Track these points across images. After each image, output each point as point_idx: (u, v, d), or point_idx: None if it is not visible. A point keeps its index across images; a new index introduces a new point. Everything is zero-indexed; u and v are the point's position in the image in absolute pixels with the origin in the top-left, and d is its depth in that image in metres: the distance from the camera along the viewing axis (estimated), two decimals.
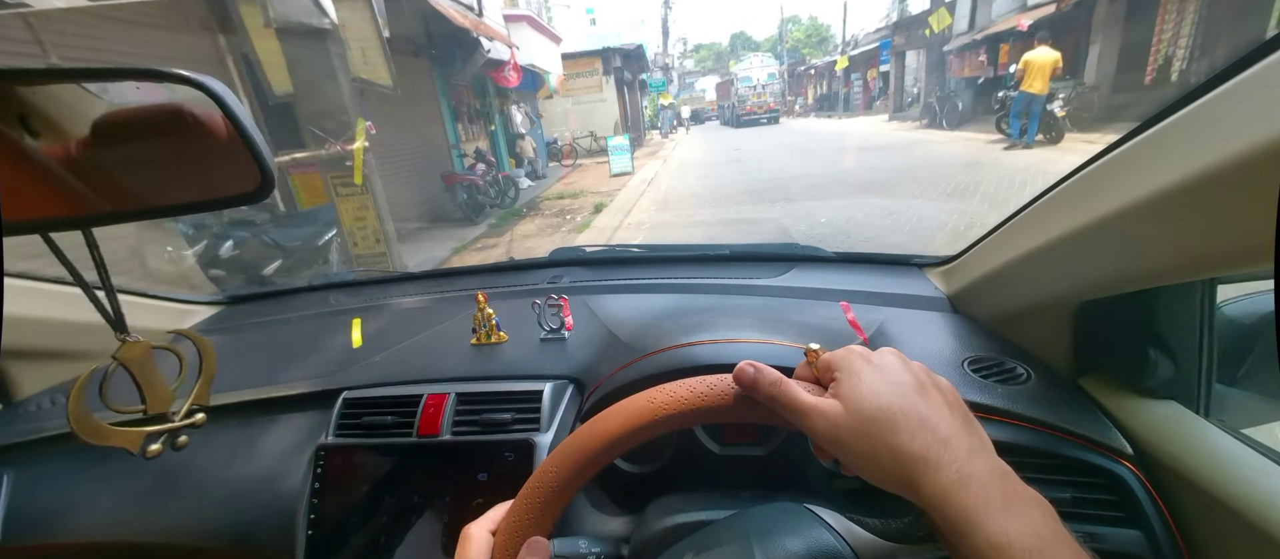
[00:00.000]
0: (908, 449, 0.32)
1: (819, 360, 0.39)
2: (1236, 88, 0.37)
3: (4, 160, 0.39)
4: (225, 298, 1.36)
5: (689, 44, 64.89)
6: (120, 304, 0.50)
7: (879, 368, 0.36)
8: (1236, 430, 0.55)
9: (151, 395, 0.53)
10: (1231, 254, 0.40)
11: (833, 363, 0.37)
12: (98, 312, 0.49)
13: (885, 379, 0.35)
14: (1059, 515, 0.30)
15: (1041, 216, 0.63)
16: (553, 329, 0.90)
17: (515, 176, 9.75)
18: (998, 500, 0.29)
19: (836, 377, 0.36)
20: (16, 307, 0.90)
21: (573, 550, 0.53)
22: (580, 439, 0.39)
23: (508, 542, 0.38)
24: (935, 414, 0.33)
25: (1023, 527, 0.28)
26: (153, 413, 0.53)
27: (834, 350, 0.38)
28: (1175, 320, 0.60)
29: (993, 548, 0.28)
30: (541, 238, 6.27)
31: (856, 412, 0.33)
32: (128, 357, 0.51)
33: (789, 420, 0.36)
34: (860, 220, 5.17)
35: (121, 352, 0.50)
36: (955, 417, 0.34)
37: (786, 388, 0.36)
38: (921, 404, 0.33)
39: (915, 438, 0.32)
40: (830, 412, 0.34)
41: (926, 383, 0.35)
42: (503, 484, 0.70)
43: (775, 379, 0.36)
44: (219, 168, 0.46)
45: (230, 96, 0.44)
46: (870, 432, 0.33)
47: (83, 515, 0.77)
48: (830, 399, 0.35)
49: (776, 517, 0.46)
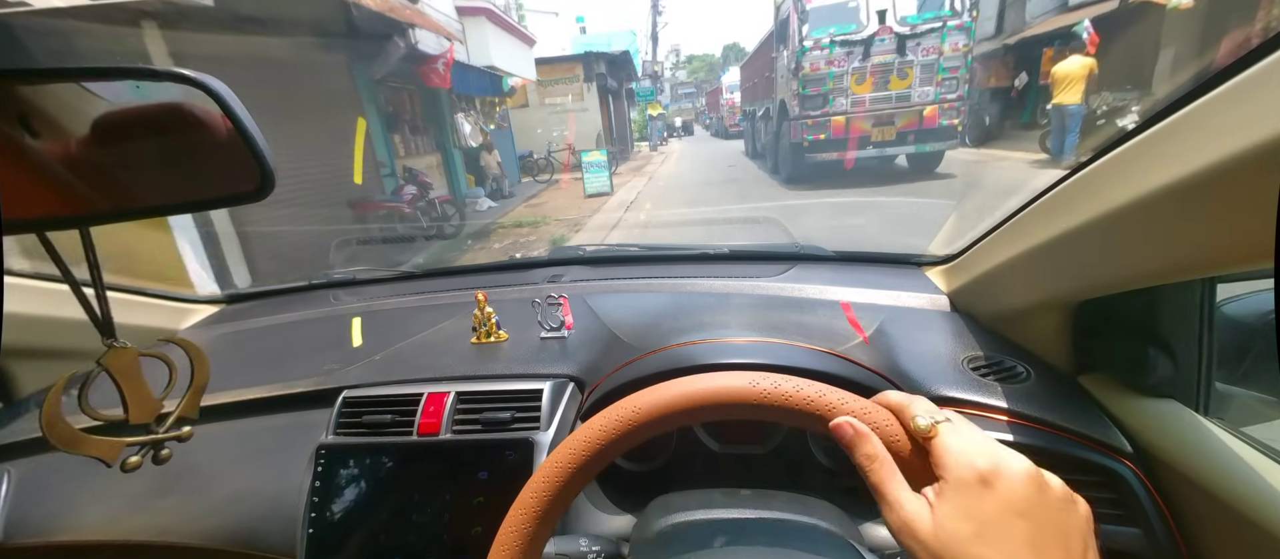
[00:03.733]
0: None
1: (933, 444, 0.32)
2: (1236, 87, 0.37)
3: (4, 159, 0.39)
4: (225, 296, 1.36)
5: (681, 55, 63.87)
6: (114, 304, 0.49)
7: (997, 505, 0.29)
8: (1236, 429, 0.56)
9: (135, 404, 0.50)
10: (1231, 254, 0.40)
11: (946, 463, 0.31)
12: (85, 313, 0.47)
13: (996, 525, 0.29)
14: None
15: (1042, 215, 0.63)
16: (553, 328, 0.90)
17: (473, 197, 9.05)
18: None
19: (943, 484, 0.31)
20: (17, 305, 0.90)
21: (573, 549, 0.53)
22: (662, 392, 0.38)
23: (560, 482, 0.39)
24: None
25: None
26: (135, 422, 0.50)
27: (956, 442, 0.32)
28: (1175, 319, 0.60)
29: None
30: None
31: (945, 543, 0.29)
32: (113, 363, 0.48)
33: (871, 490, 0.33)
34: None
35: (107, 358, 0.48)
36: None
37: (881, 467, 0.33)
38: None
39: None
40: (915, 523, 0.30)
41: (1052, 530, 0.29)
42: (503, 483, 0.70)
43: (874, 454, 0.33)
44: (219, 167, 0.46)
45: (231, 95, 0.44)
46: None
47: (83, 514, 0.77)
48: (922, 506, 0.31)
49: (820, 543, 0.45)
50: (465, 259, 5.52)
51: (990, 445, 0.32)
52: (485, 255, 6.08)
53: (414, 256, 5.40)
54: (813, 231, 6.39)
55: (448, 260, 5.61)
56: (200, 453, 0.79)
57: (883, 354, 0.76)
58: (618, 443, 0.38)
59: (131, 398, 0.50)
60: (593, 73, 15.65)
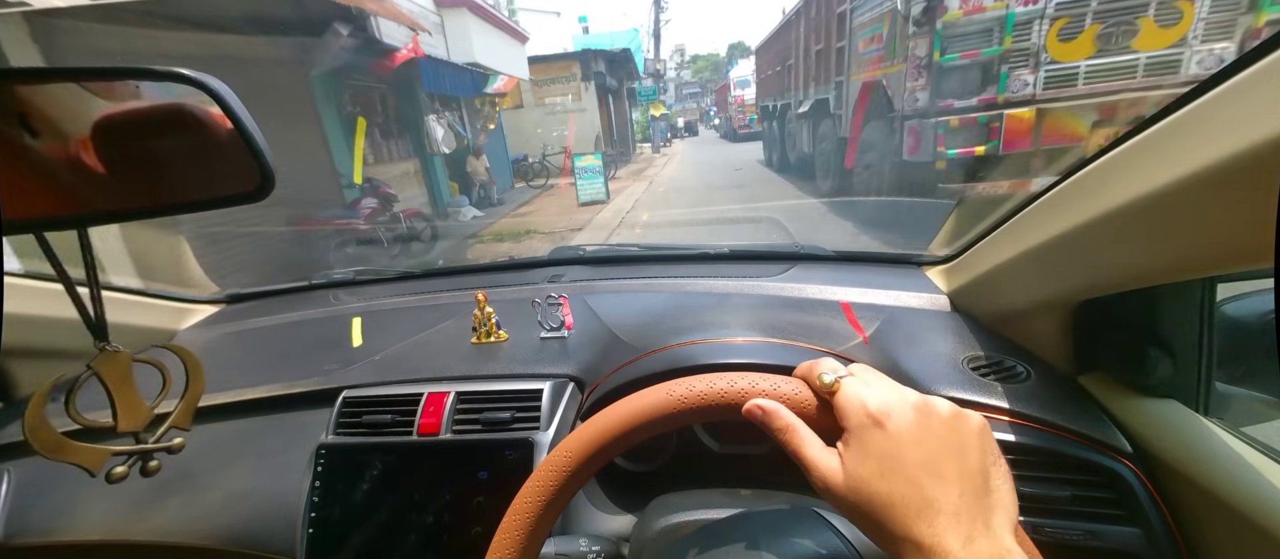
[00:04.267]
0: (901, 535, 0.30)
1: (833, 401, 0.35)
2: (1237, 87, 0.37)
3: (4, 159, 0.39)
4: (225, 296, 1.36)
5: (686, 54, 63.07)
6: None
7: (891, 439, 0.32)
8: (1236, 429, 0.56)
9: (125, 411, 0.48)
10: (1231, 254, 0.40)
11: (844, 413, 0.34)
12: (78, 314, 0.46)
13: (893, 457, 0.31)
14: (1059, 514, 0.30)
15: (1042, 215, 0.63)
16: (553, 328, 0.90)
17: (455, 206, 8.35)
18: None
19: (846, 434, 0.33)
20: (17, 305, 0.90)
21: (572, 549, 0.53)
22: (608, 416, 0.39)
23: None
24: (941, 494, 0.30)
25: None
26: (123, 430, 0.49)
27: (851, 392, 0.34)
28: (1175, 319, 0.60)
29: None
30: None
31: (854, 488, 0.32)
32: (104, 368, 0.47)
33: (794, 460, 0.35)
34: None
35: (98, 361, 0.47)
36: (967, 485, 0.31)
37: (793, 436, 0.35)
38: (927, 486, 0.30)
39: (909, 529, 0.30)
40: (829, 476, 0.33)
41: (946, 449, 0.32)
42: (503, 483, 0.70)
43: (784, 425, 0.35)
44: (219, 167, 0.46)
45: (231, 95, 0.44)
46: (864, 512, 0.31)
47: (83, 514, 0.77)
48: (833, 459, 0.33)
49: (785, 519, 0.46)
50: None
51: (884, 388, 0.34)
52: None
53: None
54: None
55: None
56: (200, 453, 0.79)
57: (883, 354, 0.76)
58: (611, 446, 0.39)
59: (121, 404, 0.48)
60: (591, 71, 15.02)
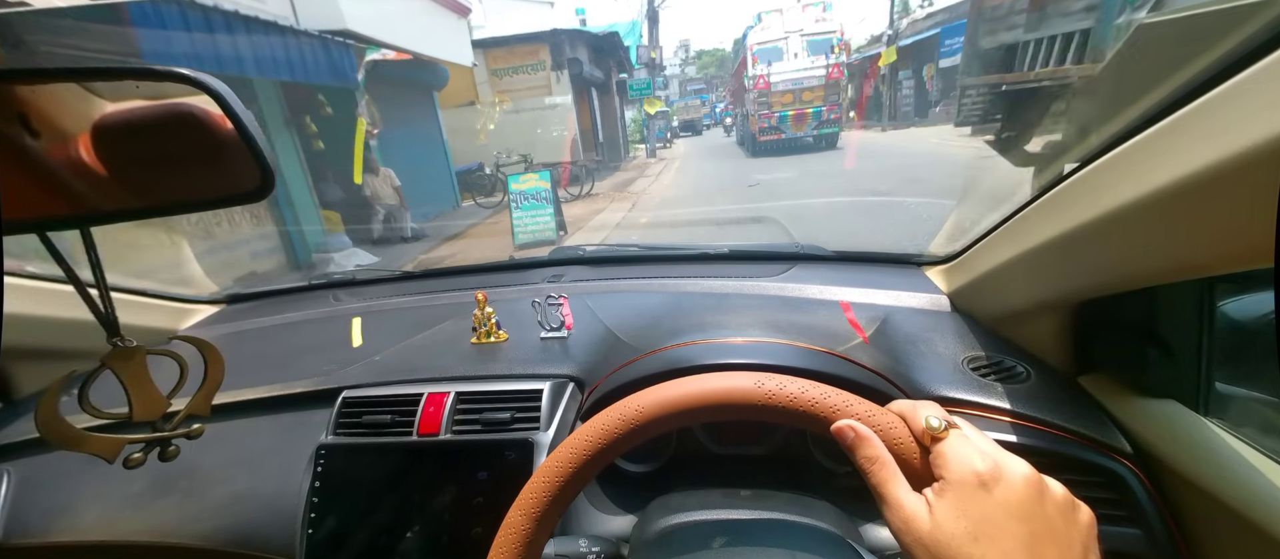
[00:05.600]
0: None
1: (937, 447, 0.32)
2: (1237, 86, 0.37)
3: (4, 159, 0.39)
4: (225, 297, 1.36)
5: (691, 50, 61.33)
6: (116, 304, 0.49)
7: (995, 506, 0.29)
8: (1236, 430, 0.55)
9: (140, 402, 0.50)
10: (1232, 253, 0.40)
11: (948, 465, 0.31)
12: (91, 312, 0.47)
13: (994, 525, 0.29)
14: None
15: (1042, 215, 0.63)
16: (553, 328, 0.90)
17: (328, 250, 5.58)
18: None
19: (944, 483, 0.31)
20: (17, 305, 0.90)
21: (573, 550, 0.53)
22: (653, 395, 0.38)
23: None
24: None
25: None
26: (139, 419, 0.50)
27: (959, 446, 0.32)
28: (1175, 319, 0.60)
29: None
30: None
31: (942, 542, 0.29)
32: (118, 362, 0.48)
33: (872, 491, 0.33)
34: None
35: (112, 357, 0.48)
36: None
37: (882, 469, 0.33)
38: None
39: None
40: (915, 522, 0.30)
41: (1050, 536, 0.29)
42: (503, 483, 0.70)
43: (875, 456, 0.33)
44: (219, 167, 0.46)
45: (231, 96, 0.44)
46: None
47: (83, 514, 0.77)
48: (920, 505, 0.31)
49: (820, 544, 0.46)
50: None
51: (993, 450, 0.32)
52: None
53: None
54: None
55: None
56: (200, 453, 0.79)
57: (883, 354, 0.76)
58: (618, 443, 0.38)
59: (136, 396, 0.50)
60: (563, 58, 11.65)
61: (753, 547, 0.44)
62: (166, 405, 0.52)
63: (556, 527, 0.41)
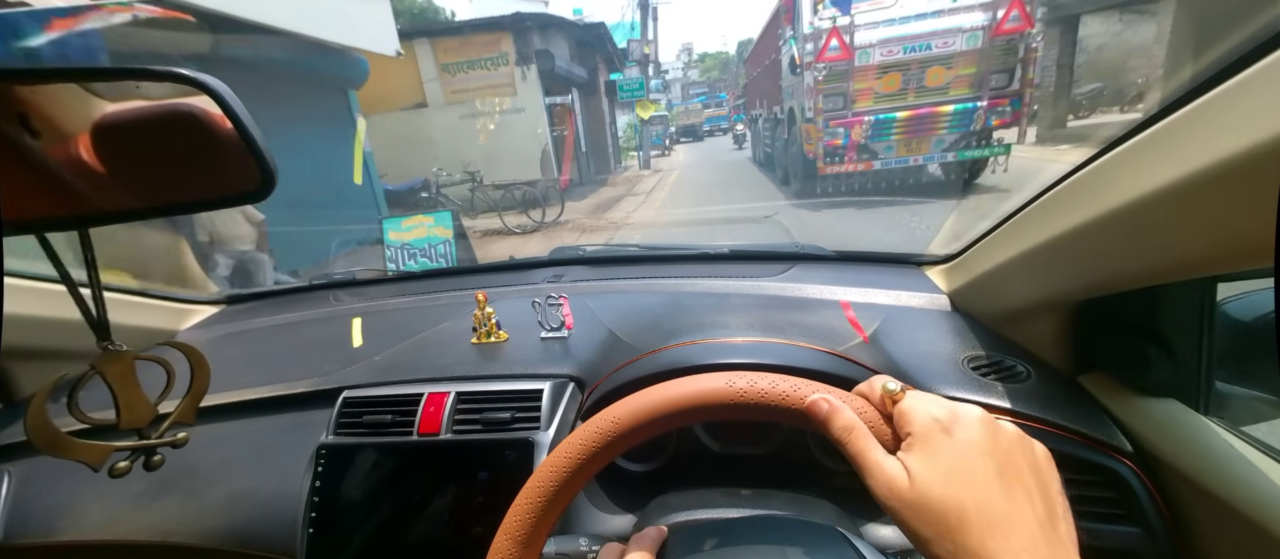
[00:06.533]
0: (974, 549, 0.28)
1: (897, 408, 0.35)
2: (1238, 86, 0.37)
3: (4, 159, 0.39)
4: (224, 297, 1.36)
5: (694, 53, 59.72)
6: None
7: (960, 447, 0.31)
8: (1236, 429, 0.56)
9: (128, 408, 0.49)
10: (1231, 254, 0.40)
11: (909, 420, 0.33)
12: (82, 315, 0.46)
13: (963, 464, 0.31)
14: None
15: (1042, 215, 0.63)
16: (553, 328, 0.90)
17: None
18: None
19: (910, 439, 0.33)
20: (17, 305, 0.90)
21: (573, 549, 0.53)
22: (623, 408, 0.39)
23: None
24: (1015, 512, 0.29)
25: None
26: (126, 427, 0.49)
27: (916, 401, 0.34)
28: (1175, 318, 0.60)
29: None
30: None
31: (923, 494, 0.30)
32: (107, 367, 0.47)
33: (852, 463, 0.34)
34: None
35: (101, 361, 0.47)
36: (1038, 509, 0.30)
37: (858, 436, 0.34)
38: (999, 499, 0.30)
39: (984, 543, 0.28)
40: (895, 482, 0.32)
41: (1013, 467, 0.31)
42: (503, 483, 0.70)
43: (849, 425, 0.35)
44: (219, 167, 0.46)
45: (231, 96, 0.43)
46: (933, 520, 0.30)
47: (83, 515, 0.77)
48: (898, 466, 0.32)
49: (816, 538, 0.46)
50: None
51: (944, 401, 0.34)
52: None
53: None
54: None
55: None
56: (200, 453, 0.79)
57: (883, 354, 0.76)
58: (599, 456, 0.39)
59: (124, 402, 0.49)
60: (529, 50, 9.32)
61: (753, 547, 0.44)
62: (154, 412, 0.51)
63: (556, 526, 0.41)
